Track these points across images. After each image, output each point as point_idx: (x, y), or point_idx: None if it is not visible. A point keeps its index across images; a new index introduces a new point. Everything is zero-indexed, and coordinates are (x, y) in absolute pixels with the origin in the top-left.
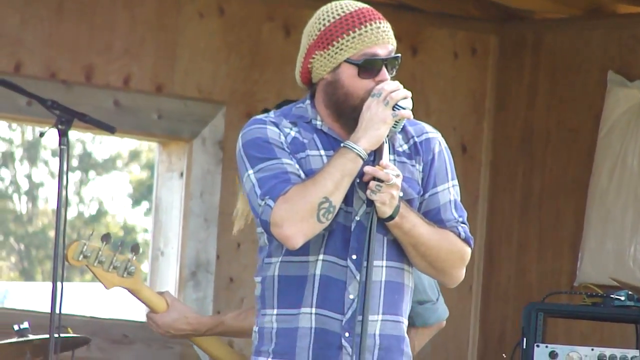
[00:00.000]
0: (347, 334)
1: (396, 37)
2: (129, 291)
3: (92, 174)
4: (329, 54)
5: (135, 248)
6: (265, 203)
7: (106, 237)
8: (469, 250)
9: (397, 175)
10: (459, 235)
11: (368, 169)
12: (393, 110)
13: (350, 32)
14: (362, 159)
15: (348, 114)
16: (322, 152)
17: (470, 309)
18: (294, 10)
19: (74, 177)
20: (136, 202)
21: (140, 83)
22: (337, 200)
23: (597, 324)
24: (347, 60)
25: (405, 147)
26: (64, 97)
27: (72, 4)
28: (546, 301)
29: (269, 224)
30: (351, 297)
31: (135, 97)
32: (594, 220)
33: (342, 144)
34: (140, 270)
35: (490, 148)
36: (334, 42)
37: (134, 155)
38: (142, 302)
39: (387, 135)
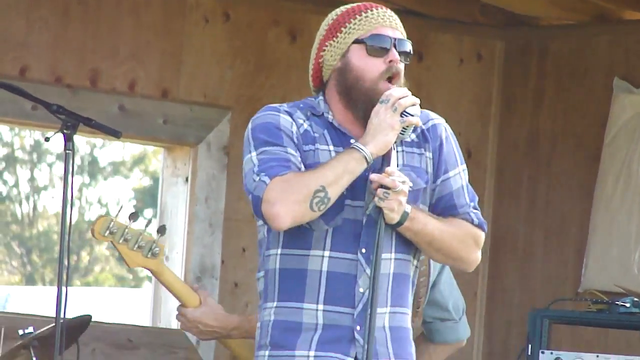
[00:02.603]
0: (358, 327)
1: None
2: (151, 272)
3: (99, 177)
4: (337, 41)
5: (161, 229)
6: (260, 179)
7: (133, 215)
8: (482, 234)
9: (404, 182)
10: (472, 222)
11: (374, 177)
12: (401, 116)
13: (357, 15)
14: (367, 162)
15: (359, 98)
16: (332, 147)
17: (475, 315)
18: (299, 16)
19: (78, 180)
20: (139, 210)
21: (145, 88)
22: (334, 193)
23: (602, 330)
24: (356, 41)
25: (414, 136)
26: (69, 102)
27: (78, 9)
28: (551, 307)
29: (261, 200)
30: (361, 290)
31: (141, 102)
32: (599, 227)
33: (352, 144)
34: (164, 253)
35: (496, 154)
36: (342, 28)
37: (137, 162)
38: (163, 284)
39: (395, 142)
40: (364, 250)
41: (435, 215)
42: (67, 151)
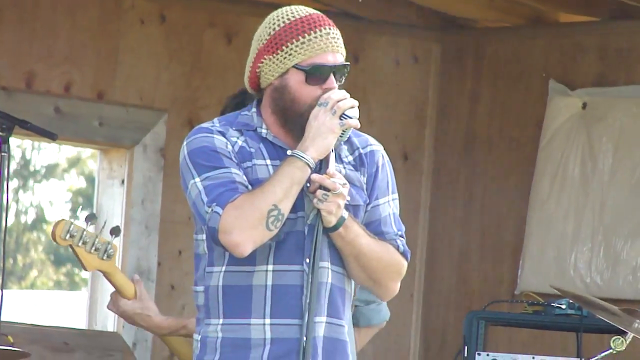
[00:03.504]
0: (305, 339)
1: None
2: (103, 274)
3: (31, 181)
4: (277, 59)
5: (115, 230)
6: (212, 210)
7: (90, 218)
8: (405, 264)
9: (344, 185)
10: (397, 248)
11: (315, 177)
12: (340, 119)
13: (300, 37)
14: (310, 167)
15: (294, 120)
16: (269, 161)
17: (411, 316)
18: (235, 17)
19: (12, 184)
20: (74, 211)
21: (81, 90)
22: (286, 208)
23: (538, 332)
24: (296, 66)
25: (351, 158)
26: (5, 104)
27: (13, 10)
28: (487, 309)
29: (217, 231)
30: (306, 300)
31: (77, 104)
32: (535, 228)
33: (290, 153)
34: (117, 254)
35: (432, 156)
36: (283, 47)
37: (73, 163)
38: (113, 284)
39: (334, 145)
40: (308, 260)
41: (368, 232)
42: (3, 154)
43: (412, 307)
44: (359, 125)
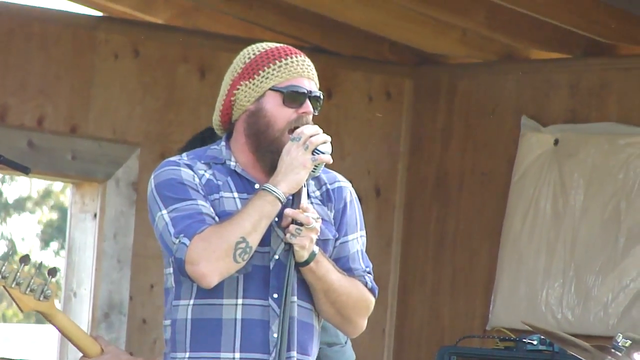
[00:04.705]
0: None
1: None
2: (43, 315)
3: (2, 213)
4: (254, 83)
5: (52, 272)
6: (180, 241)
7: (24, 259)
8: (373, 300)
9: (317, 219)
10: (365, 284)
11: (288, 211)
12: (312, 154)
13: (277, 61)
14: (281, 202)
15: (265, 146)
16: (236, 194)
17: (383, 352)
18: (209, 52)
19: None
20: (45, 242)
21: (54, 123)
22: (254, 241)
23: None
24: (273, 88)
25: (318, 193)
26: None
27: None
28: (459, 345)
29: (184, 262)
30: (275, 335)
31: (50, 138)
32: (506, 264)
33: (262, 187)
34: (55, 295)
35: (405, 191)
36: (260, 72)
37: (45, 196)
38: (58, 329)
39: (306, 179)
40: (275, 295)
41: (338, 267)
42: None
43: (384, 342)
44: (331, 161)
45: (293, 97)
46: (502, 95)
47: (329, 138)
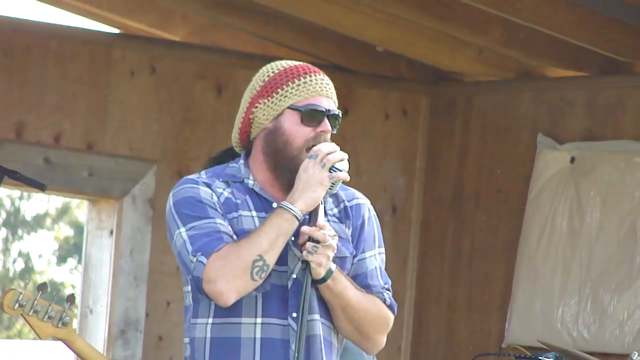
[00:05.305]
0: None
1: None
2: (62, 342)
3: (20, 230)
4: (272, 102)
5: (70, 298)
6: (197, 259)
7: (42, 287)
8: (392, 317)
9: (333, 236)
10: (384, 301)
11: (305, 229)
12: (330, 172)
13: (295, 80)
14: (298, 220)
15: (284, 164)
16: (254, 212)
17: None
18: (225, 70)
19: (1, 234)
20: (62, 259)
21: (71, 140)
22: (272, 259)
23: None
24: (291, 107)
25: (336, 210)
26: None
27: (3, 59)
28: None
29: (202, 280)
30: (294, 354)
31: (66, 155)
32: (522, 282)
33: (279, 205)
34: (74, 321)
35: (421, 208)
36: (279, 90)
37: (62, 213)
38: (76, 353)
39: (323, 197)
40: (294, 315)
41: (356, 284)
42: None
43: (399, 359)
44: (348, 178)
45: (311, 115)
46: (518, 113)
47: (346, 155)
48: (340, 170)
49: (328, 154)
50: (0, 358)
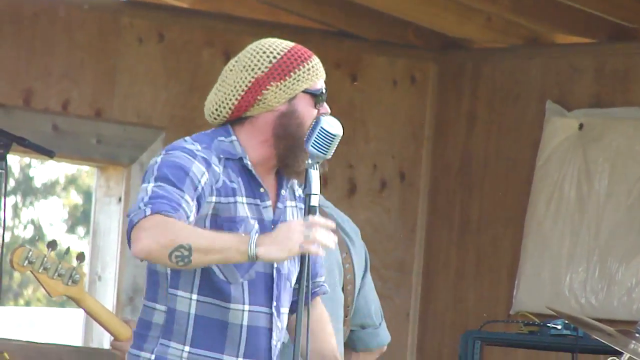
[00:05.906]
0: None
1: (336, 63)
2: (73, 300)
3: (30, 198)
4: (285, 85)
5: (80, 256)
6: (144, 208)
7: (52, 244)
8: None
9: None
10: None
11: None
12: (303, 242)
13: (305, 64)
14: (249, 259)
15: (295, 145)
16: (245, 199)
17: (407, 336)
18: (233, 37)
19: (10, 200)
20: (71, 227)
21: (79, 107)
22: (197, 260)
23: (534, 352)
24: (306, 91)
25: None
26: (2, 121)
27: (11, 28)
28: (483, 329)
29: (134, 224)
30: (274, 343)
31: (74, 122)
32: (530, 249)
33: (250, 236)
34: (84, 279)
35: (429, 176)
36: (291, 73)
37: (72, 181)
38: (88, 313)
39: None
40: (275, 304)
41: None
42: (0, 170)
43: (407, 326)
44: (319, 254)
45: (322, 99)
46: (526, 80)
47: (335, 241)
48: (333, 135)
49: (319, 237)
50: (9, 325)
